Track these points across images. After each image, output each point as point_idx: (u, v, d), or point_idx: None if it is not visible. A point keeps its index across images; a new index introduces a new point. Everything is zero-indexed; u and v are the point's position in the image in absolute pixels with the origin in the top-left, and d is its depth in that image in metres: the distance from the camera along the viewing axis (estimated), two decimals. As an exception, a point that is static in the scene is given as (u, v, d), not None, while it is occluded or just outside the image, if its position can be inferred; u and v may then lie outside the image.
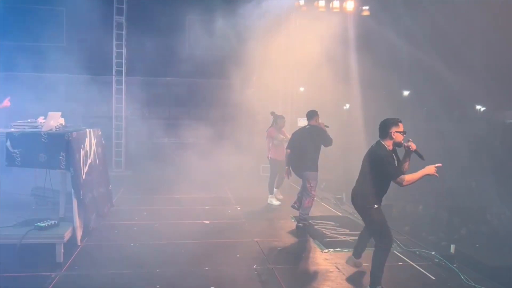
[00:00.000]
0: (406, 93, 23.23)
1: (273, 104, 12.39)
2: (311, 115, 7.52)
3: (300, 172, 7.43)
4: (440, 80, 16.45)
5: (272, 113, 9.23)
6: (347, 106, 16.65)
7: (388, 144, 4.62)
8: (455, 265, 5.58)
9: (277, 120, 9.09)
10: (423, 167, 4.48)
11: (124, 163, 12.54)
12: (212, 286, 4.84)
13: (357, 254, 5.40)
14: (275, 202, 9.04)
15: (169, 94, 11.32)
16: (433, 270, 5.54)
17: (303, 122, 14.54)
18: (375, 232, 4.74)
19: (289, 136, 9.12)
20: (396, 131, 4.59)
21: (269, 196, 9.12)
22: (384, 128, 4.65)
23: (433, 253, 6.03)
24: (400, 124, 4.62)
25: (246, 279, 5.11)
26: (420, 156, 4.62)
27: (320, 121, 7.45)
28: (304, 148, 7.37)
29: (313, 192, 7.35)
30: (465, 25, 13.20)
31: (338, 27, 11.79)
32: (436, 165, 4.46)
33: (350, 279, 5.26)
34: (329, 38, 11.38)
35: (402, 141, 4.63)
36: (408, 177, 4.44)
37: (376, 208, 4.65)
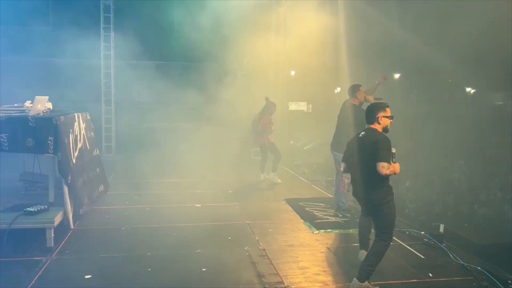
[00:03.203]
0: (397, 76, 23.27)
1: (264, 87, 12.33)
2: (350, 91, 6.86)
3: (332, 151, 7.04)
4: (430, 63, 16.49)
5: (266, 99, 9.20)
6: (338, 89, 16.64)
7: (378, 129, 4.52)
8: (444, 244, 5.65)
9: (269, 107, 9.08)
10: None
11: (114, 148, 12.46)
12: (203, 268, 4.86)
13: (366, 245, 5.05)
14: (278, 180, 9.29)
15: (158, 78, 11.16)
16: (422, 249, 5.62)
17: (294, 106, 14.64)
18: (383, 226, 4.48)
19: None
20: (384, 116, 4.49)
21: (272, 174, 9.30)
22: (371, 114, 4.55)
23: (422, 232, 6.11)
24: (387, 109, 4.52)
25: (238, 260, 5.14)
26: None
27: (367, 96, 6.74)
28: (337, 126, 6.98)
29: (345, 179, 6.74)
30: (453, 7, 13.19)
31: (329, 11, 11.69)
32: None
33: (340, 259, 5.32)
34: (320, 21, 11.29)
35: (389, 126, 4.54)
36: (391, 168, 4.28)
37: (391, 200, 4.43)
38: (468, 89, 24.52)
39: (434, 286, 4.61)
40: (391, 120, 4.55)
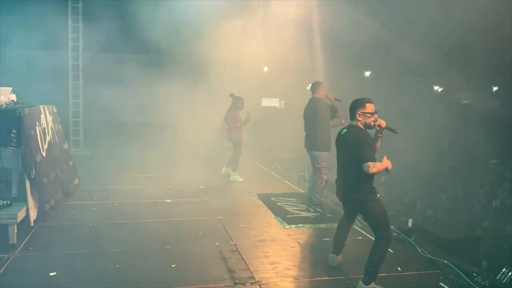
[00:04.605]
0: (367, 73, 23.62)
1: (237, 82, 12.25)
2: (313, 87, 6.99)
3: (309, 150, 7.02)
4: (400, 61, 16.80)
5: (231, 95, 9.13)
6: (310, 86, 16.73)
7: (359, 126, 4.41)
8: (412, 239, 5.74)
9: (236, 102, 9.03)
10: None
11: (83, 142, 12.15)
12: (173, 264, 4.78)
13: (338, 250, 4.93)
14: (240, 179, 9.04)
15: (129, 71, 10.94)
16: (391, 244, 5.67)
17: (267, 102, 14.63)
18: (377, 226, 4.38)
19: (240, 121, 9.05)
20: (363, 112, 4.36)
21: (232, 173, 9.10)
22: (351, 110, 4.45)
23: (391, 227, 6.18)
24: (368, 105, 4.38)
25: (208, 256, 5.08)
26: (392, 130, 4.52)
27: (329, 94, 6.89)
28: (307, 124, 6.98)
29: (324, 176, 6.80)
30: (423, 7, 13.46)
31: (303, 7, 11.70)
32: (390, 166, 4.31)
33: (311, 254, 5.33)
34: (294, 17, 11.29)
35: (372, 123, 4.38)
36: (378, 165, 4.18)
37: (378, 198, 4.34)
38: (436, 87, 25.18)
39: (403, 280, 4.68)
40: (373, 117, 4.38)
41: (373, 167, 4.12)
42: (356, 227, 6.18)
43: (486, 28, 13.50)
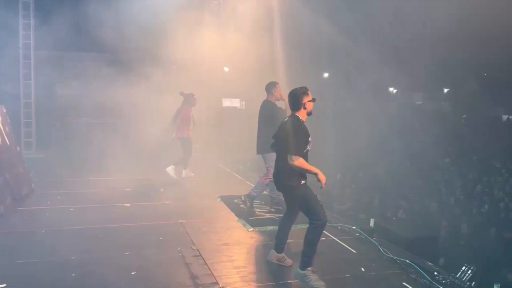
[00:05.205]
0: (326, 75, 24.02)
1: (198, 82, 12.08)
2: (267, 88, 6.77)
3: (262, 154, 6.83)
4: (357, 63, 17.17)
5: (181, 93, 9.00)
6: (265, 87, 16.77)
7: (302, 116, 4.49)
8: (374, 238, 5.80)
9: (189, 99, 8.91)
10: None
11: (35, 144, 11.61)
12: (133, 272, 4.60)
13: (280, 248, 4.90)
14: (175, 176, 8.93)
15: (84, 70, 10.55)
16: (354, 244, 5.73)
17: (228, 102, 14.52)
18: (308, 209, 4.44)
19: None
20: (308, 101, 4.49)
21: (173, 166, 8.97)
22: (297, 99, 4.50)
23: (354, 227, 6.24)
24: (309, 92, 4.52)
25: (170, 262, 4.93)
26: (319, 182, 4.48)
27: (284, 94, 6.63)
28: (259, 127, 6.84)
29: (270, 174, 6.57)
30: (377, 9, 13.80)
31: (263, 8, 11.70)
32: (324, 182, 4.37)
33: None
34: (255, 17, 11.26)
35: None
36: (302, 161, 4.29)
37: (303, 184, 4.43)
38: (391, 89, 25.97)
39: (367, 280, 4.70)
40: (313, 103, 4.54)
41: (295, 160, 4.27)
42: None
43: (439, 32, 14.01)
